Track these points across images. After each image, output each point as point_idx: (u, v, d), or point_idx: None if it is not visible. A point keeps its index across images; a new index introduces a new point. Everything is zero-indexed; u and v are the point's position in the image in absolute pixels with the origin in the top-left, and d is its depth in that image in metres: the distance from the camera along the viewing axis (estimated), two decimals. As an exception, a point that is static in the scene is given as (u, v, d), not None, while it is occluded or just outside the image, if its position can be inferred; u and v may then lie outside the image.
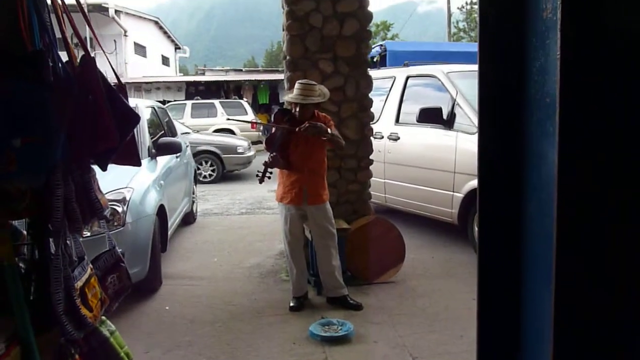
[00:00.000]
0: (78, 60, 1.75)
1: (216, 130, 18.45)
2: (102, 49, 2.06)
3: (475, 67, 1.46)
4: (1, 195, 1.59)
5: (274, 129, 4.34)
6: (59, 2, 1.79)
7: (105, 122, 1.66)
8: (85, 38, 1.91)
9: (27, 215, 1.74)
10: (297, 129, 4.17)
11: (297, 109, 4.28)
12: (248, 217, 8.29)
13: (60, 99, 1.53)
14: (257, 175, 4.20)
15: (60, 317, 1.67)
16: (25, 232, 1.84)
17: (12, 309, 1.63)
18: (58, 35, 1.75)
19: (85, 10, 2.02)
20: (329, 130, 4.21)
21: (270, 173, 4.22)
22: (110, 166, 1.94)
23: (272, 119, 4.53)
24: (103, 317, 1.96)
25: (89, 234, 3.79)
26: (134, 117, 1.83)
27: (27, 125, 1.50)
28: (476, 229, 5.64)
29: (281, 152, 4.22)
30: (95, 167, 1.87)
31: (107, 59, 2.07)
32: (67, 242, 1.77)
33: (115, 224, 4.24)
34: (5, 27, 1.53)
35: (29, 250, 1.81)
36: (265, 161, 4.19)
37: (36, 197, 1.66)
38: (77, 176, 1.75)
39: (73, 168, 1.72)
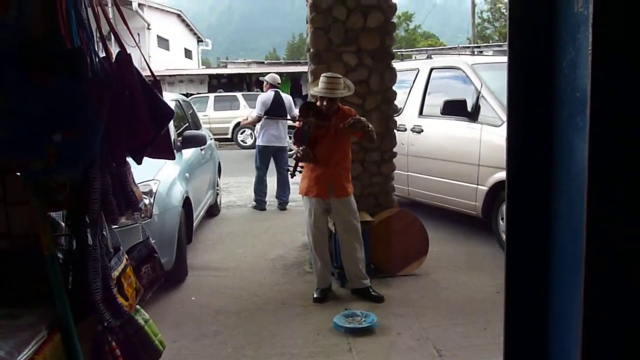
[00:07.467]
0: (114, 57, 1.80)
1: (238, 123, 18.62)
2: (136, 43, 2.11)
3: (500, 58, 1.47)
4: (42, 188, 1.65)
5: (300, 124, 4.33)
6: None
7: (140, 116, 1.70)
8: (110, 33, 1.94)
9: (65, 207, 1.79)
10: (341, 125, 4.15)
11: (324, 103, 4.29)
12: (271, 210, 8.33)
13: (98, 95, 1.58)
14: (288, 170, 4.21)
15: (98, 306, 1.73)
16: (63, 224, 1.90)
17: (53, 297, 1.69)
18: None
19: (109, 3, 2.05)
20: (369, 125, 4.22)
21: (302, 167, 4.23)
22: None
23: (298, 113, 4.52)
24: (137, 306, 2.02)
25: (116, 225, 3.86)
26: (168, 112, 1.88)
27: (67, 120, 1.55)
28: (500, 222, 5.62)
29: (310, 146, 4.24)
30: (130, 161, 1.91)
31: (142, 55, 2.10)
32: (104, 233, 1.83)
33: (142, 215, 4.30)
34: (45, 24, 1.57)
35: (67, 241, 1.87)
36: (295, 155, 4.19)
37: (74, 190, 1.71)
38: (113, 169, 1.80)
39: (109, 161, 1.78)
